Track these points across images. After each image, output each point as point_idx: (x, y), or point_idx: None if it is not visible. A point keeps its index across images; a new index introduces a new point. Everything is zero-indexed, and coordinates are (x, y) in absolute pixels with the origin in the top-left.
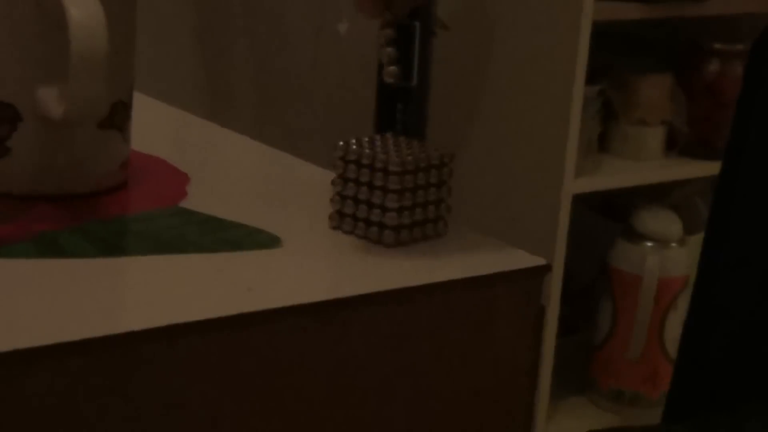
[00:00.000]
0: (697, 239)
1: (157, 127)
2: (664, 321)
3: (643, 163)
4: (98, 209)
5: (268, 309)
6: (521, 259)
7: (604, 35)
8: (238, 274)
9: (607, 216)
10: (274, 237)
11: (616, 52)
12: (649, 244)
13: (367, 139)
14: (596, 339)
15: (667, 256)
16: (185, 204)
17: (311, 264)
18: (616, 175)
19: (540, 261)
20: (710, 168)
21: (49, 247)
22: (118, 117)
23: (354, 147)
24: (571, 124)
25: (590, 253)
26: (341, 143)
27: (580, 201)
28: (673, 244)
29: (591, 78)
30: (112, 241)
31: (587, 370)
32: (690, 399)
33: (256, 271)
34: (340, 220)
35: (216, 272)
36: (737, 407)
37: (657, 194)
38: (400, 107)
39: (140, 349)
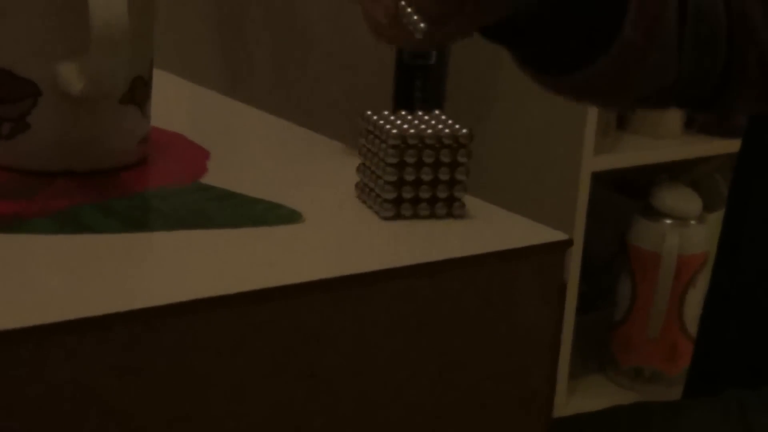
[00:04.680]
0: (716, 217)
1: (176, 103)
2: (684, 298)
3: (663, 140)
4: (118, 185)
5: (290, 284)
6: (544, 234)
7: None
8: (259, 249)
9: (626, 194)
10: (295, 212)
11: None
12: (668, 221)
13: (403, 112)
14: (615, 317)
15: (686, 233)
16: (205, 180)
17: (333, 239)
18: (635, 152)
19: (562, 236)
20: (730, 145)
21: (69, 223)
22: (137, 92)
23: (374, 118)
24: None
25: (609, 231)
26: (368, 112)
27: (600, 179)
28: (693, 222)
29: None
30: (132, 216)
31: (606, 348)
32: (711, 375)
33: (278, 246)
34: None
35: (237, 247)
36: (760, 384)
37: (676, 172)
38: (418, 85)
39: (161, 324)
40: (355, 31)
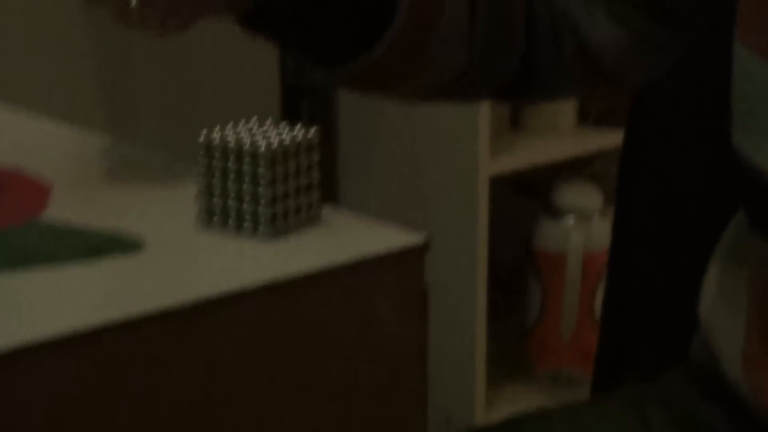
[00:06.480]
0: None
1: (13, 136)
2: (594, 297)
3: (558, 136)
4: None
5: (132, 317)
6: (398, 239)
7: None
8: (98, 282)
9: (530, 196)
10: (135, 241)
11: None
12: (572, 220)
13: (231, 124)
14: (528, 322)
15: (590, 229)
16: (47, 215)
17: (177, 264)
18: (532, 150)
19: (417, 240)
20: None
21: None
22: None
23: (217, 133)
24: (480, 102)
25: (514, 235)
26: (205, 130)
27: (500, 183)
28: (596, 216)
29: None
30: None
31: (523, 354)
32: (615, 371)
33: (118, 277)
34: (208, 219)
35: (76, 283)
36: (659, 376)
37: (576, 167)
38: (305, 105)
39: None
40: (237, 48)
